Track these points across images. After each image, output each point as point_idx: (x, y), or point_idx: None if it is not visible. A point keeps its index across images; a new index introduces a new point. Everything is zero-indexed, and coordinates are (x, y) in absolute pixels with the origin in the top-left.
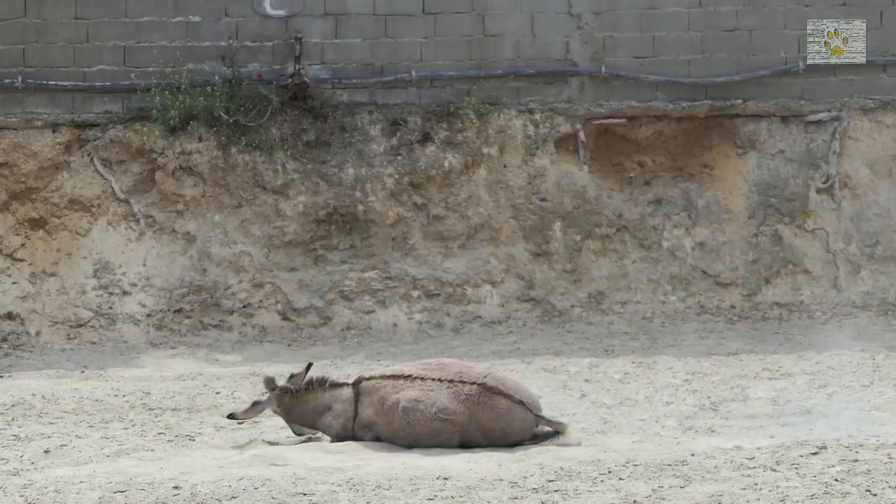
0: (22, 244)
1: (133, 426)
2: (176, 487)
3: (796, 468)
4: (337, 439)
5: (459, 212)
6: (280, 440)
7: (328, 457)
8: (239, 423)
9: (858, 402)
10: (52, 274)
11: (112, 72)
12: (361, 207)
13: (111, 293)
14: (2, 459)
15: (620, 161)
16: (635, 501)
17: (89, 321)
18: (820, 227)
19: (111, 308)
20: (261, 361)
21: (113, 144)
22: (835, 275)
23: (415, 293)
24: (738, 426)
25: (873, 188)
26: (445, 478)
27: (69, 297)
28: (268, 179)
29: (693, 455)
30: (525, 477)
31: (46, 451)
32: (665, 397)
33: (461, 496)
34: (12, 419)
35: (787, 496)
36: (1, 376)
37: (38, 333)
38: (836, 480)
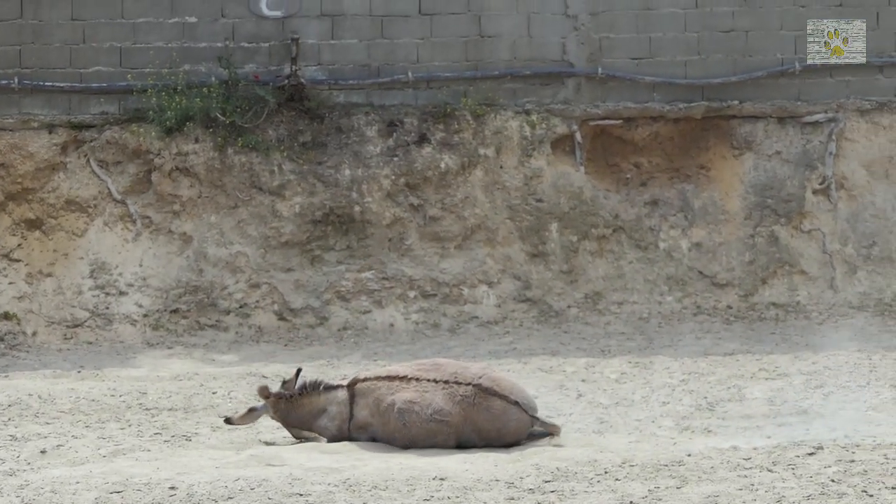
0: (18, 244)
1: (129, 426)
2: (172, 488)
3: (793, 468)
4: (333, 441)
5: (456, 212)
6: (276, 440)
7: (325, 457)
8: (230, 429)
9: (855, 403)
10: (49, 274)
11: (108, 73)
12: (358, 208)
13: (108, 293)
14: None
15: (617, 162)
16: (632, 502)
17: (86, 321)
18: (816, 228)
19: (108, 308)
20: (257, 361)
21: (109, 145)
22: (831, 275)
23: (411, 293)
24: (735, 426)
25: (870, 189)
26: (442, 478)
27: (66, 298)
28: (264, 180)
29: (689, 455)
30: (521, 477)
31: (43, 452)
32: (662, 397)
33: (457, 497)
34: (9, 419)
35: (784, 497)
36: None
37: (35, 333)
38: (833, 481)
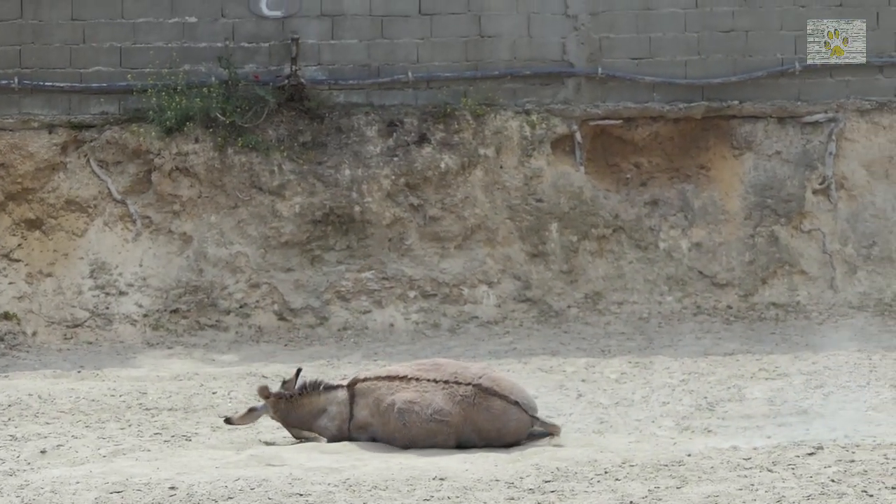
0: (18, 245)
1: (129, 426)
2: (172, 488)
3: (793, 468)
4: (333, 441)
5: (456, 213)
6: (276, 440)
7: (324, 457)
8: (230, 429)
9: (855, 403)
10: (49, 274)
11: (108, 73)
12: (358, 208)
13: (108, 293)
14: None
15: (617, 162)
16: (631, 502)
17: (86, 321)
18: (816, 228)
19: (107, 308)
20: (257, 361)
21: (109, 145)
22: (831, 275)
23: (411, 293)
24: (735, 426)
25: (870, 189)
26: (442, 478)
27: (65, 298)
28: (264, 180)
29: (689, 455)
30: (521, 477)
31: (43, 452)
32: (661, 397)
33: (457, 497)
34: (9, 419)
35: (784, 497)
36: None
37: (35, 333)
38: (833, 481)
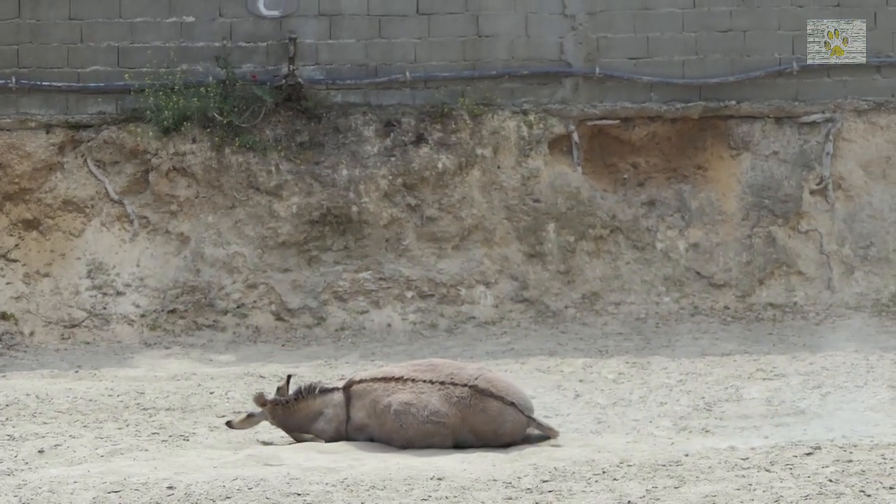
0: (16, 245)
1: (127, 426)
2: (170, 487)
3: (790, 469)
4: (331, 443)
5: (453, 213)
6: (274, 440)
7: (322, 457)
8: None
9: (852, 403)
10: (46, 274)
11: (106, 72)
12: (355, 208)
13: (105, 293)
14: None
15: (614, 162)
16: (629, 502)
17: (83, 321)
18: (814, 229)
19: (105, 308)
20: (255, 362)
21: (107, 145)
22: (828, 276)
23: (409, 294)
24: (733, 426)
25: (867, 190)
26: (439, 478)
27: (63, 298)
28: (261, 180)
29: (687, 455)
30: (519, 477)
31: (41, 451)
32: (659, 398)
33: (455, 496)
34: (6, 419)
35: (782, 497)
36: None
37: (32, 334)
38: (831, 481)
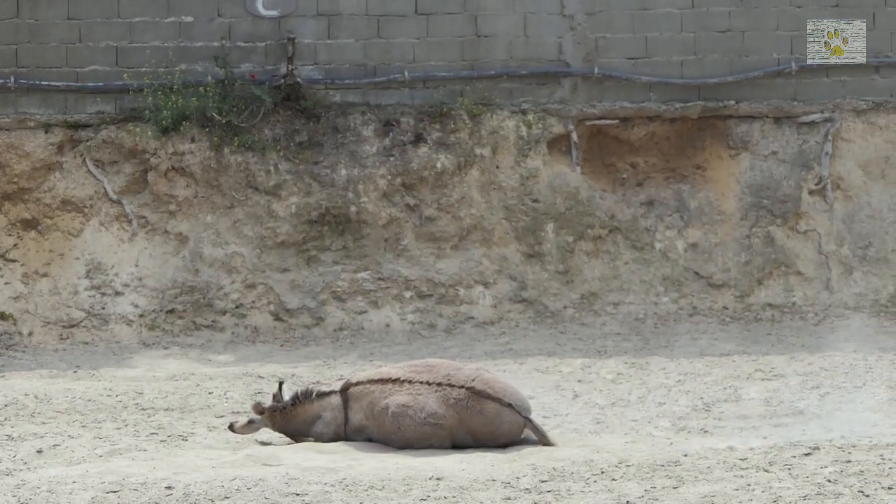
0: (14, 245)
1: (126, 426)
2: (169, 487)
3: (789, 469)
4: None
5: (452, 213)
6: (273, 440)
7: (321, 457)
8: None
9: (851, 404)
10: (45, 274)
11: (105, 72)
12: (354, 208)
13: (103, 294)
14: None
15: (613, 162)
16: (628, 502)
17: (82, 321)
18: (812, 229)
19: (103, 308)
20: (253, 362)
21: (105, 145)
22: (827, 276)
23: (407, 294)
24: (731, 427)
25: (866, 190)
26: (438, 478)
27: (61, 298)
28: (260, 180)
29: (686, 456)
30: (518, 477)
31: (39, 451)
32: (658, 398)
33: (454, 496)
34: (5, 419)
35: (780, 497)
36: None
37: (31, 334)
38: (829, 481)
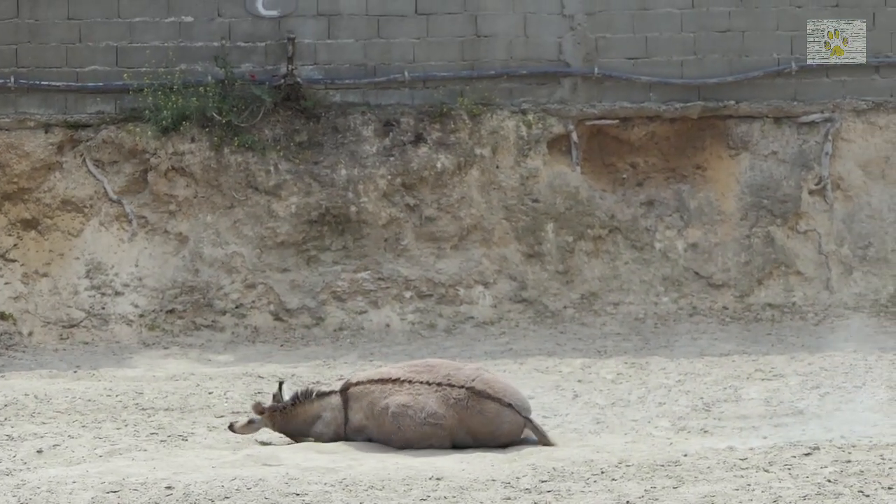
0: (14, 245)
1: (126, 426)
2: (169, 487)
3: (789, 469)
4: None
5: (452, 213)
6: (273, 440)
7: (321, 457)
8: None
9: (851, 404)
10: (45, 274)
11: (105, 72)
12: (354, 208)
13: (103, 293)
14: None
15: (613, 162)
16: (628, 502)
17: (82, 321)
18: (812, 229)
19: (103, 308)
20: (253, 361)
21: (105, 145)
22: (827, 276)
23: (407, 294)
24: (731, 427)
25: (866, 190)
26: (438, 478)
27: (61, 298)
28: (260, 180)
29: (686, 456)
30: (518, 477)
31: (39, 451)
32: (658, 398)
33: (454, 496)
34: (5, 419)
35: (780, 497)
36: None
37: (31, 333)
38: (829, 481)
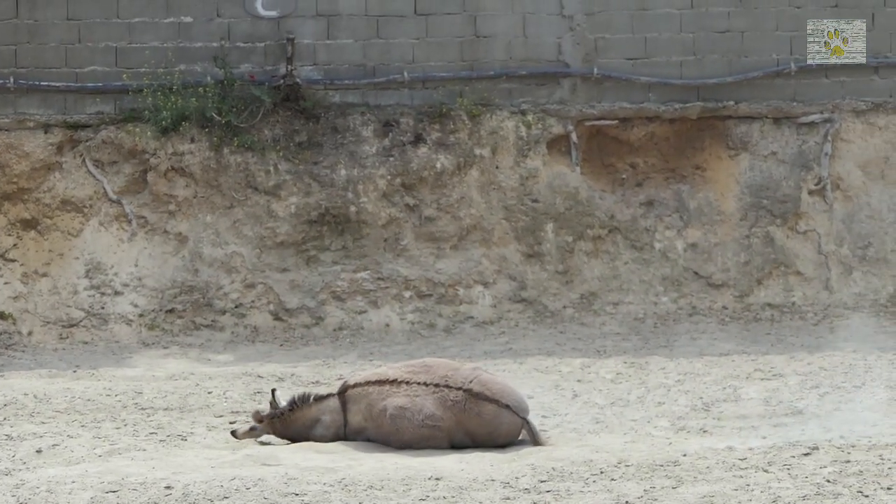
0: (14, 244)
1: (125, 426)
2: (168, 487)
3: (788, 469)
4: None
5: (451, 213)
6: (272, 440)
7: (320, 457)
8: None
9: (850, 404)
10: (44, 274)
11: (104, 72)
12: (353, 208)
13: (103, 293)
14: None
15: (612, 162)
16: (627, 502)
17: (81, 321)
18: (812, 229)
19: (103, 308)
20: (253, 361)
21: (105, 145)
22: (826, 276)
23: (407, 294)
24: (730, 427)
25: (865, 190)
26: (437, 478)
27: (61, 298)
28: (260, 180)
29: (685, 455)
30: (517, 477)
31: (38, 451)
32: (657, 398)
33: (453, 496)
34: (4, 419)
35: (780, 497)
36: None
37: (31, 333)
38: (828, 481)
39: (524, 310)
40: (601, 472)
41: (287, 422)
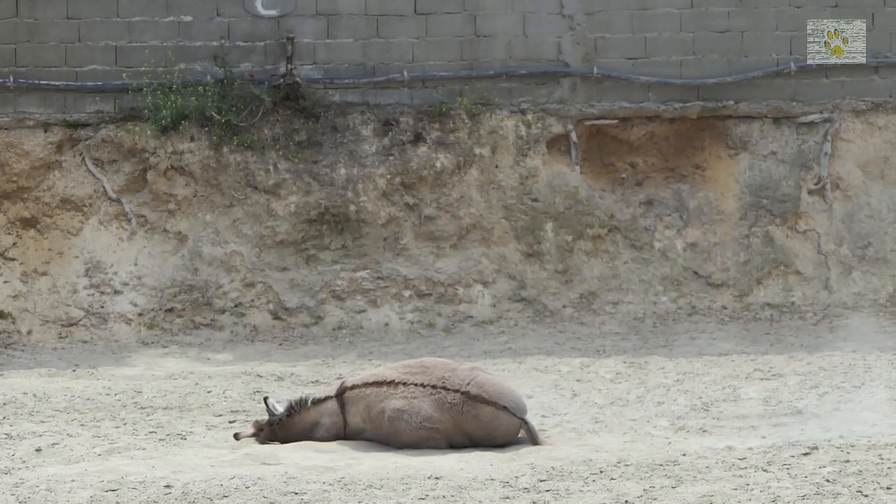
0: (13, 243)
1: (125, 425)
2: (167, 486)
3: (788, 469)
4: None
5: (451, 212)
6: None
7: (320, 456)
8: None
9: (850, 403)
10: (44, 273)
11: (104, 71)
12: (353, 207)
13: (103, 292)
14: None
15: (612, 162)
16: (626, 501)
17: (81, 320)
18: (811, 229)
19: (103, 307)
20: (252, 360)
21: (105, 144)
22: (826, 276)
23: (406, 293)
24: (730, 426)
25: (865, 190)
26: (437, 477)
27: (60, 297)
28: (259, 179)
29: (684, 455)
30: (516, 477)
31: (38, 450)
32: (656, 397)
33: (453, 496)
34: (4, 418)
35: (779, 497)
36: None
37: (30, 332)
38: (828, 481)
39: (523, 309)
40: (600, 472)
41: (286, 428)
